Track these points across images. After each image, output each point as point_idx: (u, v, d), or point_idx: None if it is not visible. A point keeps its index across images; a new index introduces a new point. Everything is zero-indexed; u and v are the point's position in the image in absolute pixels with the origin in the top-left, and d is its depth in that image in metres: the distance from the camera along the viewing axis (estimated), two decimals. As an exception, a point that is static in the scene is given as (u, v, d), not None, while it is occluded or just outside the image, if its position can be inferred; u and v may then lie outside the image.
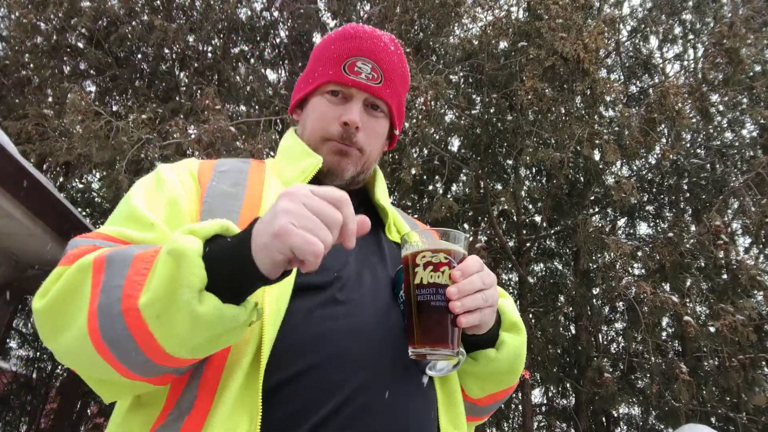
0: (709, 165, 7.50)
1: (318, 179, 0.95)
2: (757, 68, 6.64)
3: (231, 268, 0.62)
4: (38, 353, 9.83)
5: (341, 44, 0.98)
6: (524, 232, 8.04)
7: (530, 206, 8.39)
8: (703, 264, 6.94)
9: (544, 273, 8.56)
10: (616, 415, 8.33)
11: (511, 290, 8.84)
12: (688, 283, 6.54)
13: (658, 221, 8.43)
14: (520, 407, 7.88)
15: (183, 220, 0.83)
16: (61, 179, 8.64)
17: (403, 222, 1.02)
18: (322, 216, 0.60)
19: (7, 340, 9.22)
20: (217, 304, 0.61)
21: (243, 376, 0.70)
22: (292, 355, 0.74)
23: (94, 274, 0.68)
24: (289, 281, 0.77)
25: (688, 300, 6.21)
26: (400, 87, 1.02)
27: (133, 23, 7.27)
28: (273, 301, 0.74)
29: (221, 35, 8.41)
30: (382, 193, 1.02)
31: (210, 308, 0.61)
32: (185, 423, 0.69)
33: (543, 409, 8.76)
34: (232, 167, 0.96)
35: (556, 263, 8.51)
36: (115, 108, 8.71)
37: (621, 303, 7.52)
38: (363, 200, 1.03)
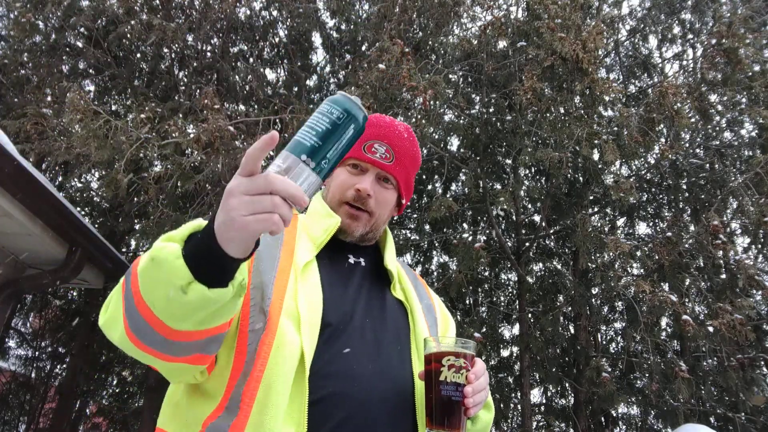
0: (707, 165, 7.50)
1: (335, 235, 1.16)
2: (756, 68, 6.64)
3: (209, 260, 0.75)
4: (37, 353, 9.83)
5: (366, 130, 1.17)
6: (523, 231, 8.04)
7: (529, 206, 8.39)
8: (701, 263, 6.95)
9: (543, 273, 8.56)
10: (615, 414, 8.34)
11: (510, 290, 8.84)
12: (687, 283, 6.55)
13: (656, 221, 8.43)
14: (519, 407, 7.89)
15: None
16: (60, 178, 8.64)
17: (407, 281, 1.23)
18: (259, 194, 0.70)
19: (6, 340, 9.22)
20: (202, 291, 0.75)
21: (288, 389, 0.88)
22: (322, 378, 0.93)
23: (123, 284, 0.87)
24: (316, 324, 0.97)
25: (686, 299, 6.21)
26: (409, 166, 1.24)
27: (132, 22, 7.25)
28: (308, 335, 0.94)
29: (220, 34, 8.40)
30: (390, 256, 1.22)
31: (195, 296, 0.75)
32: (233, 425, 0.87)
33: (542, 408, 8.75)
34: None
35: (555, 263, 8.51)
36: (114, 107, 8.70)
37: (620, 302, 7.53)
38: (374, 258, 1.23)
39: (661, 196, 8.23)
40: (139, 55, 8.57)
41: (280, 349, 0.91)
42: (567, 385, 7.93)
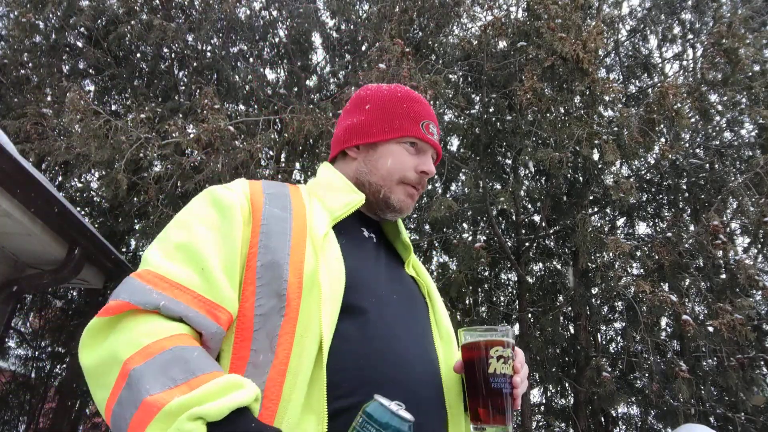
0: (707, 165, 7.50)
1: (362, 211, 1.14)
2: (756, 68, 6.64)
3: None
4: (37, 352, 9.82)
5: (413, 105, 1.19)
6: (523, 231, 8.04)
7: (529, 206, 8.39)
8: (701, 263, 6.95)
9: (543, 273, 8.56)
10: (614, 414, 8.34)
11: (510, 290, 8.84)
12: (687, 283, 6.55)
13: (656, 221, 8.43)
14: (518, 407, 7.88)
15: (237, 251, 0.91)
16: (60, 178, 8.63)
17: (418, 261, 1.19)
18: None
19: (6, 340, 9.22)
20: None
21: (308, 377, 0.81)
22: (347, 368, 0.84)
23: (117, 380, 0.76)
24: (337, 300, 0.88)
25: (686, 299, 6.22)
26: None
27: (132, 22, 7.26)
28: (328, 316, 0.85)
29: (220, 34, 8.41)
30: (404, 230, 1.18)
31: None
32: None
33: (542, 408, 8.76)
34: (277, 190, 1.07)
35: (555, 263, 8.52)
36: (113, 107, 8.70)
37: (620, 302, 7.53)
38: (382, 232, 1.18)
39: (661, 196, 8.23)
40: (139, 55, 8.57)
41: (304, 337, 0.83)
42: (567, 385, 7.93)
